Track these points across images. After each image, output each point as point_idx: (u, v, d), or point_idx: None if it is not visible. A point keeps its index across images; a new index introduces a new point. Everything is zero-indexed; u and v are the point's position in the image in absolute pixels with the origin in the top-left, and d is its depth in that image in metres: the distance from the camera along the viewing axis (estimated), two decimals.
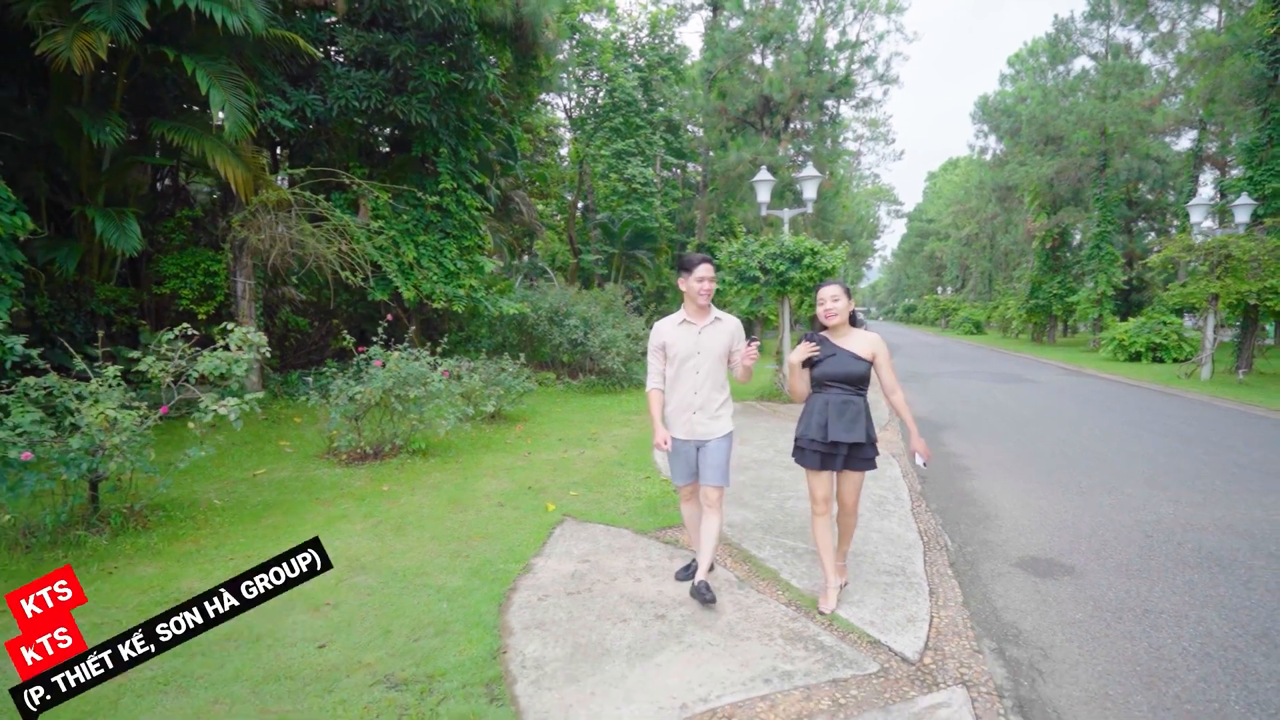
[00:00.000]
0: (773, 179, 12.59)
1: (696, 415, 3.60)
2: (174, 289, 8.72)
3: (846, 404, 3.37)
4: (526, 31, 10.93)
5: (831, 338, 3.45)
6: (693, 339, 3.60)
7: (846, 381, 3.38)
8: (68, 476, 4.25)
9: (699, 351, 3.59)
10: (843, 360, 3.39)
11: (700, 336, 3.60)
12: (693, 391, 3.60)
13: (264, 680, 2.96)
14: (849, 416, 3.35)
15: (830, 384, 3.41)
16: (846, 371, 3.37)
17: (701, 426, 3.61)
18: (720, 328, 3.62)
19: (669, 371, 3.66)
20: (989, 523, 5.20)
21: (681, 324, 3.64)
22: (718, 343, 3.60)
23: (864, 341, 3.43)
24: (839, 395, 3.39)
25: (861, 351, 3.40)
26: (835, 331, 3.45)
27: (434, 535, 4.80)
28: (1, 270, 5.49)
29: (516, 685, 2.92)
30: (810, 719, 2.68)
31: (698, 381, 3.59)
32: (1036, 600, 3.81)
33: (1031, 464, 7.11)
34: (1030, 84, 34.30)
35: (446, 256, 11.64)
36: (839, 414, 3.35)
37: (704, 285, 3.52)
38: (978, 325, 46.34)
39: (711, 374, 3.59)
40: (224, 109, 7.56)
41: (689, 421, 3.62)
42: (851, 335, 3.45)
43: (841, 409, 3.36)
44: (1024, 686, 2.94)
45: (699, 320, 3.62)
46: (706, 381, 3.59)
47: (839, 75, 22.38)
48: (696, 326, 3.61)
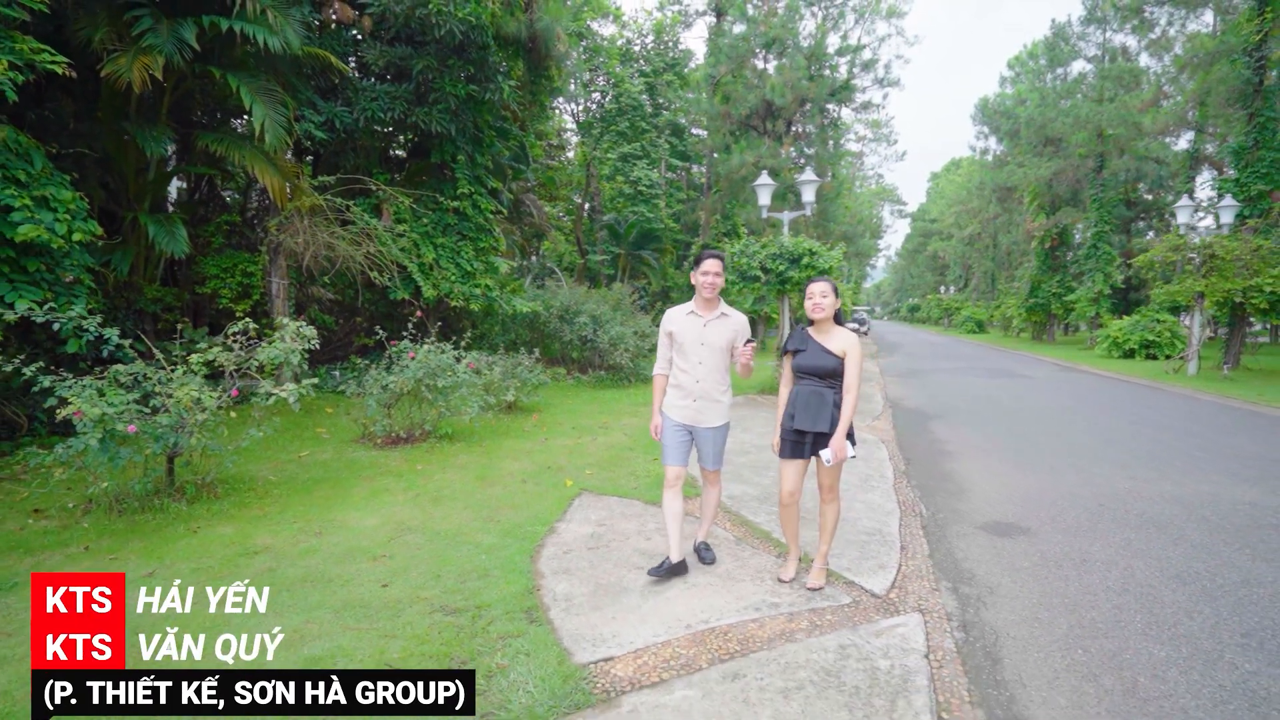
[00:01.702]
0: (773, 183, 13.19)
1: (697, 403, 3.80)
2: (214, 289, 9.38)
3: (814, 395, 3.58)
4: (539, 45, 11.57)
5: (814, 333, 3.69)
6: (698, 330, 3.79)
7: (817, 374, 3.60)
8: (153, 450, 4.90)
9: (703, 343, 3.78)
10: (815, 354, 3.62)
11: (705, 329, 3.78)
12: (695, 380, 3.79)
13: (342, 609, 3.60)
14: (815, 407, 3.56)
15: (804, 376, 3.65)
16: (816, 364, 3.59)
17: (700, 414, 3.82)
18: (726, 323, 3.79)
19: (675, 359, 3.88)
20: (962, 495, 5.82)
21: (689, 315, 3.84)
22: (722, 336, 3.77)
23: (840, 339, 3.63)
24: (809, 386, 3.62)
25: (834, 348, 3.60)
26: (819, 327, 3.68)
27: (467, 505, 5.43)
28: (78, 272, 6.14)
29: (550, 612, 3.55)
30: (791, 635, 3.30)
31: (700, 372, 3.78)
32: (991, 553, 4.43)
33: (1009, 448, 7.72)
34: (1029, 86, 34.82)
35: (464, 257, 12.29)
36: (806, 404, 3.58)
37: (707, 279, 3.74)
38: (980, 324, 46.86)
39: (714, 366, 3.77)
40: (264, 122, 8.21)
41: (689, 408, 3.81)
42: (832, 332, 3.66)
43: (809, 400, 3.59)
44: (969, 613, 3.57)
45: (706, 313, 3.81)
46: (709, 372, 3.78)
47: (839, 80, 22.95)
48: (703, 319, 3.80)
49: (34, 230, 5.43)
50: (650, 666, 3.01)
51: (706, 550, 4.17)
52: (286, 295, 9.85)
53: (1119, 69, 28.45)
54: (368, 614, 3.53)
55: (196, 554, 4.32)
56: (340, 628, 3.37)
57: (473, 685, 2.62)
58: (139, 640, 2.88)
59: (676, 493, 3.90)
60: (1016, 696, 2.81)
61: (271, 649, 2.95)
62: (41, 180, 5.91)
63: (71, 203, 6.06)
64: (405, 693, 2.55)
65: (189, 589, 3.21)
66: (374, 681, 2.57)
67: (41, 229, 5.50)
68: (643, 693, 2.81)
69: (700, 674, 2.94)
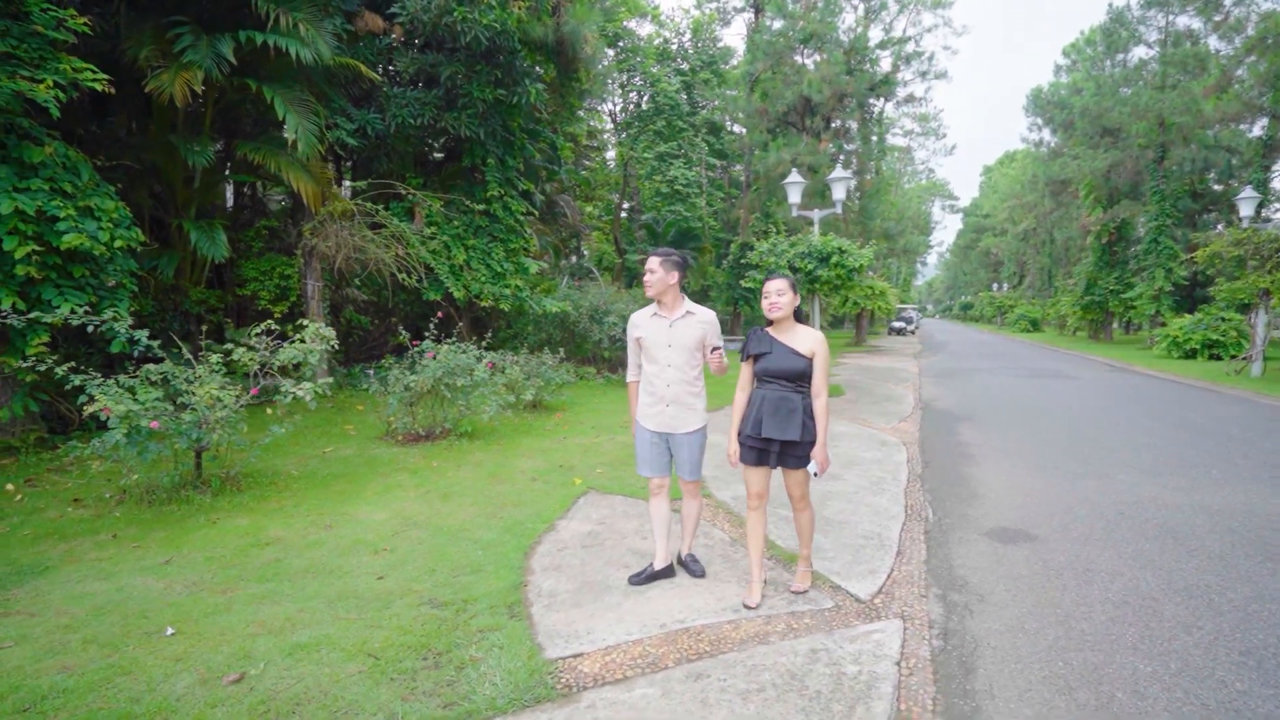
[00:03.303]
0: (804, 180, 13.04)
1: (669, 408, 3.66)
2: (254, 291, 9.83)
3: (782, 401, 3.36)
4: (566, 48, 11.72)
5: (776, 334, 3.47)
6: (664, 331, 3.64)
7: (784, 377, 3.38)
8: (180, 445, 5.19)
9: (670, 344, 3.62)
10: (782, 355, 3.39)
11: (671, 329, 3.63)
12: (665, 384, 3.64)
13: (336, 599, 3.75)
14: (783, 413, 3.34)
15: (769, 379, 3.42)
16: (783, 367, 3.37)
17: (673, 420, 3.66)
18: (692, 321, 3.64)
19: (644, 364, 3.75)
20: (974, 500, 5.67)
21: (653, 316, 3.70)
22: (689, 336, 3.62)
23: (806, 338, 3.42)
24: (776, 391, 3.39)
25: (801, 348, 3.39)
26: (780, 327, 3.47)
27: (474, 501, 5.57)
28: (121, 276, 6.53)
29: (532, 607, 3.63)
30: (765, 637, 3.30)
31: (670, 375, 3.63)
32: (991, 561, 4.32)
33: (1034, 452, 7.47)
34: (1085, 74, 33.39)
35: (494, 258, 12.54)
36: (774, 410, 3.35)
37: (645, 279, 3.65)
38: (1034, 322, 45.23)
39: (683, 367, 3.62)
40: (298, 131, 8.55)
41: (660, 414, 3.67)
42: (796, 331, 3.46)
43: (777, 405, 3.36)
44: (953, 621, 3.50)
45: (669, 313, 3.65)
46: (678, 375, 3.63)
47: (879, 74, 22.48)
48: (667, 320, 3.64)
49: (78, 239, 5.81)
50: (617, 664, 3.06)
51: (694, 562, 4.04)
52: (321, 297, 10.23)
53: (1183, 54, 27.00)
54: (359, 605, 3.68)
55: (212, 544, 4.56)
56: (331, 617, 3.52)
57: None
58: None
59: (662, 499, 3.90)
60: (982, 707, 2.76)
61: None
62: (87, 191, 6.31)
63: (114, 212, 6.44)
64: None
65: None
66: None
67: (84, 237, 5.87)
68: (604, 689, 2.86)
69: (664, 673, 2.98)
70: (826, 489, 5.87)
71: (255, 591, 3.84)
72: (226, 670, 2.99)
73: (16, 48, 5.61)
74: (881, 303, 28.27)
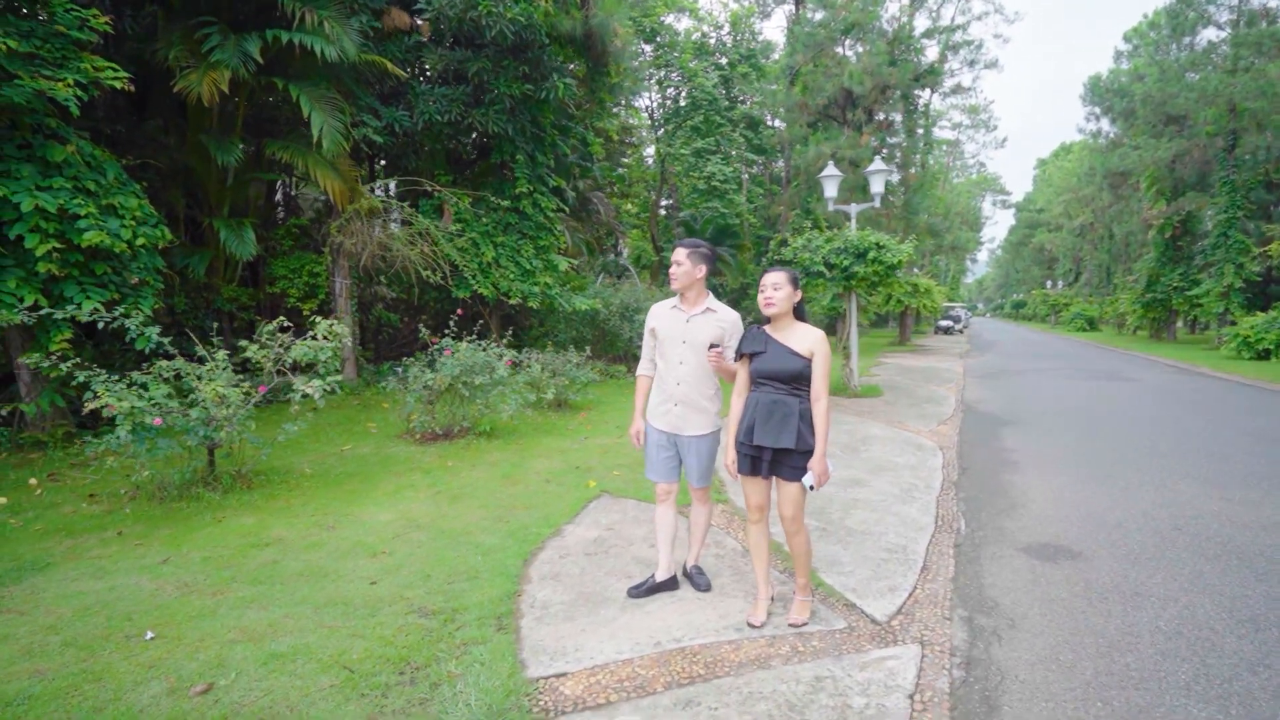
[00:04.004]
0: (840, 174, 12.58)
1: (678, 408, 3.45)
2: (283, 288, 9.93)
3: (776, 404, 3.07)
4: (595, 41, 11.53)
5: (772, 332, 3.19)
6: (680, 326, 3.44)
7: (779, 379, 3.09)
8: (190, 442, 5.17)
9: (684, 340, 3.42)
10: (777, 355, 3.11)
11: (688, 325, 3.42)
12: (676, 382, 3.44)
13: (324, 604, 3.63)
14: (777, 419, 3.05)
15: (764, 381, 3.14)
16: (778, 368, 3.08)
17: (683, 421, 3.46)
18: (711, 319, 3.41)
19: (658, 359, 3.57)
20: (1012, 511, 5.26)
21: (673, 309, 3.51)
22: (706, 334, 3.38)
23: (805, 337, 3.12)
24: (770, 395, 3.10)
25: (799, 347, 3.09)
26: (776, 324, 3.19)
27: (483, 504, 5.42)
28: (145, 274, 6.60)
29: (522, 619, 3.44)
30: (767, 661, 3.03)
31: (682, 372, 3.42)
32: (1027, 580, 3.94)
33: (1082, 459, 6.96)
34: (1148, 60, 31.66)
35: (523, 255, 12.45)
36: (767, 415, 3.07)
37: (671, 270, 3.45)
38: (1090, 321, 43.30)
39: (697, 367, 3.39)
40: (322, 129, 8.57)
41: (669, 414, 3.48)
42: (794, 329, 3.17)
43: (770, 410, 3.08)
44: (978, 649, 3.17)
45: (689, 308, 3.46)
46: (691, 374, 3.41)
47: (925, 64, 21.67)
48: (685, 314, 3.45)
49: (98, 236, 5.87)
50: (602, 686, 2.83)
51: (699, 575, 3.78)
52: (349, 294, 10.28)
53: (1258, 34, 25.27)
54: (347, 611, 3.54)
55: (214, 543, 4.50)
56: (315, 625, 3.39)
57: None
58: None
59: (668, 506, 3.68)
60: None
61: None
62: (112, 190, 6.38)
63: (138, 210, 6.51)
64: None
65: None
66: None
67: (105, 234, 5.93)
68: (583, 714, 2.64)
69: (651, 698, 2.74)
70: (851, 496, 5.54)
71: (245, 594, 3.75)
72: (198, 679, 2.88)
73: (40, 48, 5.69)
74: (927, 301, 27.28)
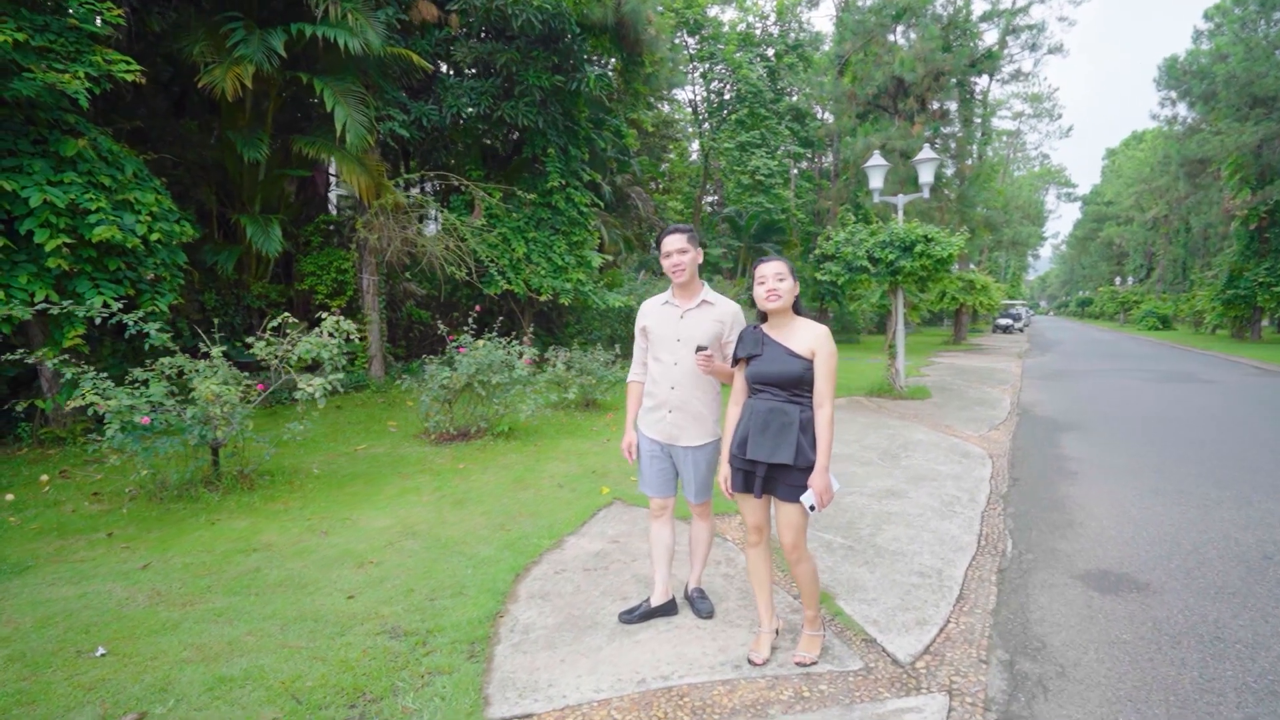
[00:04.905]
0: (886, 164, 11.92)
1: (672, 415, 3.08)
2: (311, 285, 9.90)
3: (773, 413, 2.69)
4: (628, 30, 11.18)
5: (770, 331, 2.81)
6: (673, 324, 3.08)
7: (777, 385, 2.71)
8: (189, 441, 5.03)
9: (679, 339, 3.05)
10: (775, 358, 2.72)
11: (682, 321, 3.06)
12: (670, 386, 3.07)
13: (294, 620, 3.37)
14: (774, 430, 2.67)
15: (761, 387, 2.76)
16: (777, 372, 2.70)
17: (677, 429, 3.09)
18: (708, 313, 3.05)
19: (650, 361, 3.21)
20: (1068, 530, 4.67)
21: (665, 304, 3.15)
22: (702, 330, 3.02)
23: (806, 335, 2.74)
24: (767, 402, 2.73)
25: (800, 347, 2.71)
26: (776, 321, 2.81)
27: (486, 510, 5.13)
28: (161, 270, 6.56)
29: (498, 646, 3.11)
30: (765, 708, 2.62)
31: (676, 375, 3.06)
32: (1083, 615, 3.40)
33: (1152, 470, 6.24)
34: (1232, 38, 29.45)
35: (555, 251, 12.20)
36: (763, 426, 2.69)
37: (670, 261, 3.02)
38: (1164, 320, 40.70)
39: (693, 367, 3.02)
40: (345, 123, 8.45)
41: (663, 421, 3.11)
42: (794, 327, 2.78)
43: (766, 419, 2.70)
44: (1019, 702, 2.67)
45: (683, 302, 3.09)
46: (685, 376, 3.05)
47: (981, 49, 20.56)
48: (679, 309, 3.08)
49: (108, 231, 5.81)
50: None
51: (701, 599, 3.39)
52: (376, 291, 10.20)
53: None
54: (315, 629, 3.28)
55: (201, 547, 4.33)
56: (277, 644, 3.13)
57: None
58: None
59: (664, 522, 3.29)
60: None
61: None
62: (129, 185, 6.35)
63: (155, 205, 6.47)
64: None
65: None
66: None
67: (115, 229, 5.87)
68: None
69: None
70: (885, 509, 5.03)
71: (216, 606, 3.53)
72: (135, 705, 2.64)
73: (54, 41, 5.66)
74: (983, 298, 26.02)
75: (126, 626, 3.28)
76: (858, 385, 12.19)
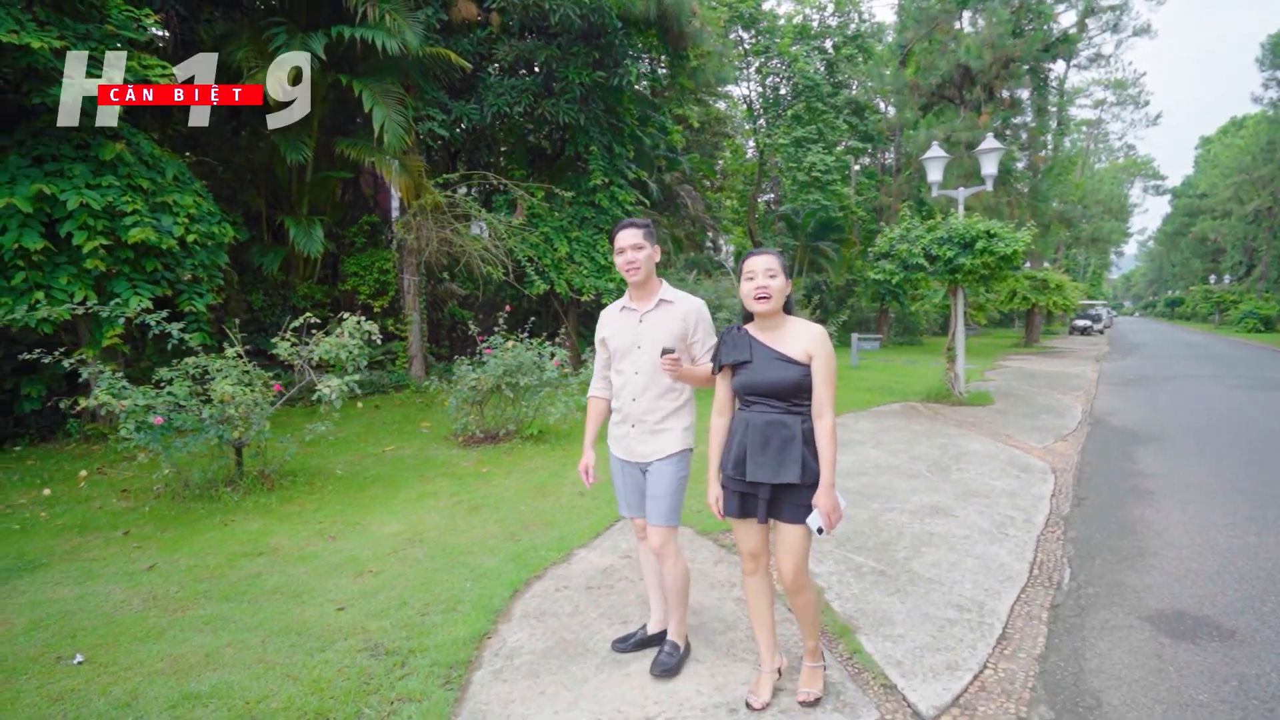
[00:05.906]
0: (945, 155, 11.22)
1: (634, 429, 2.77)
2: (354, 286, 10.02)
3: (773, 427, 2.37)
4: (671, 22, 10.88)
5: (757, 333, 2.47)
6: (632, 329, 2.76)
7: (771, 395, 2.39)
8: (209, 440, 5.05)
9: (639, 345, 2.73)
10: (765, 365, 2.39)
11: (641, 326, 2.74)
12: (630, 398, 2.76)
13: (279, 632, 3.25)
14: (775, 446, 2.35)
15: (753, 399, 2.43)
16: (770, 381, 2.37)
17: (640, 444, 2.77)
18: (668, 313, 2.73)
19: (612, 374, 2.89)
20: (1137, 561, 4.13)
21: (623, 310, 2.84)
22: (664, 332, 2.70)
23: (800, 336, 2.41)
24: (762, 414, 2.40)
25: (793, 352, 2.38)
26: (764, 322, 2.46)
27: (500, 518, 4.95)
28: (199, 271, 6.68)
29: (477, 672, 2.89)
30: None
31: (636, 385, 2.75)
32: (1151, 667, 2.92)
33: (1246, 494, 5.53)
34: None
35: (598, 251, 12.02)
36: (762, 443, 2.36)
37: (624, 259, 2.70)
38: (1266, 321, 37.50)
39: (654, 374, 2.71)
40: (384, 124, 8.48)
41: (626, 436, 2.81)
42: (786, 329, 2.46)
43: (766, 435, 2.37)
44: None
45: (640, 304, 2.76)
46: (648, 385, 2.73)
47: (1057, 32, 19.30)
48: (638, 312, 2.76)
49: (143, 233, 5.93)
50: None
51: (671, 654, 2.84)
52: (418, 291, 10.25)
53: None
54: (296, 643, 3.14)
55: (209, 549, 4.30)
56: (255, 658, 3.00)
57: None
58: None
59: None
60: None
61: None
62: (168, 188, 6.48)
63: (193, 207, 6.58)
64: None
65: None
66: None
67: (151, 231, 5.99)
68: None
69: None
70: (927, 529, 4.59)
71: (206, 613, 3.44)
72: (98, 719, 2.54)
73: (95, 49, 5.80)
74: (1058, 297, 24.46)
75: (113, 632, 3.23)
76: (914, 390, 11.53)
